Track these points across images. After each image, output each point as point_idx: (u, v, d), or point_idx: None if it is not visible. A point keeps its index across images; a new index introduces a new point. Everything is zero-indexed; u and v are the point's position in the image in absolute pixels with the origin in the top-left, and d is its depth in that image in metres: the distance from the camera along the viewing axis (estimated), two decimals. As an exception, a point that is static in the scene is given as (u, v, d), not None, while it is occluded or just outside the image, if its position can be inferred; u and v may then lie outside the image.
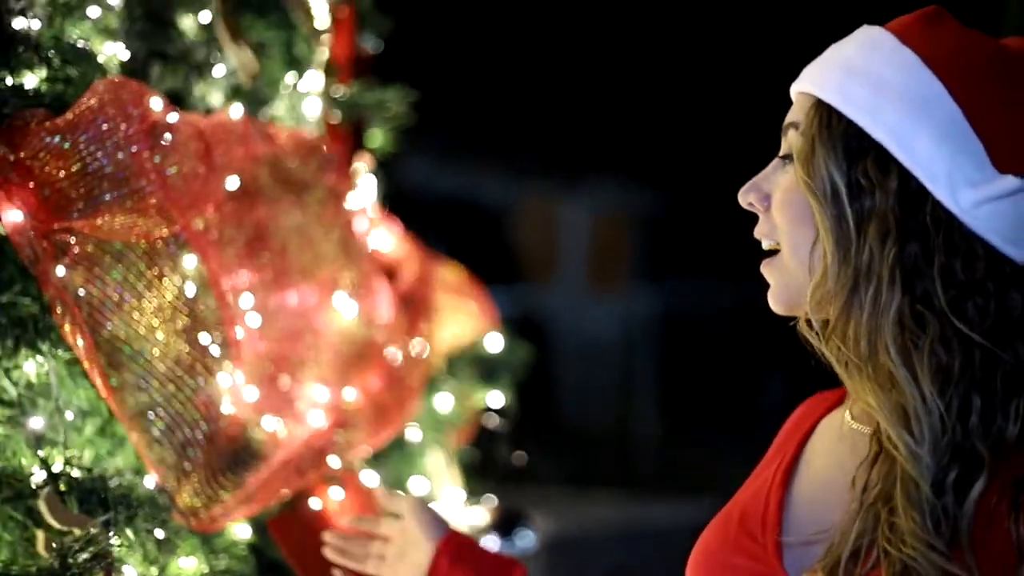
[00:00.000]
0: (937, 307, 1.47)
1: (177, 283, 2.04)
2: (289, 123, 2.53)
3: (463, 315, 2.93)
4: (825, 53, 1.63)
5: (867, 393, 1.50)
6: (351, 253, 2.37)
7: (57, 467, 1.90)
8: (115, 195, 1.90)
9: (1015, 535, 1.44)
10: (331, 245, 2.33)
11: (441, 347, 2.77)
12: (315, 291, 2.30)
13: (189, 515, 2.03)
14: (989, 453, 1.45)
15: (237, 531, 2.21)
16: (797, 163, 1.56)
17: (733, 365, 13.48)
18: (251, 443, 2.11)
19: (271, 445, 2.13)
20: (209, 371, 2.04)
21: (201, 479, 2.03)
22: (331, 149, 2.44)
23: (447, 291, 2.88)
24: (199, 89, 2.38)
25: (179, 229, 1.99)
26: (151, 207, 1.93)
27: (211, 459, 2.04)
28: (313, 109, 2.60)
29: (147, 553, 1.90)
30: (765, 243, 1.64)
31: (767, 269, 1.64)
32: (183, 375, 2.02)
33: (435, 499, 2.77)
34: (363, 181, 2.73)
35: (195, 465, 2.02)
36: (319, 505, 2.25)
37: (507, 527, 3.10)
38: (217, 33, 2.34)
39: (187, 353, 2.03)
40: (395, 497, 2.05)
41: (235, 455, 2.07)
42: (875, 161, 1.51)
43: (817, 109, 1.56)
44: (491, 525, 3.04)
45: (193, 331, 2.04)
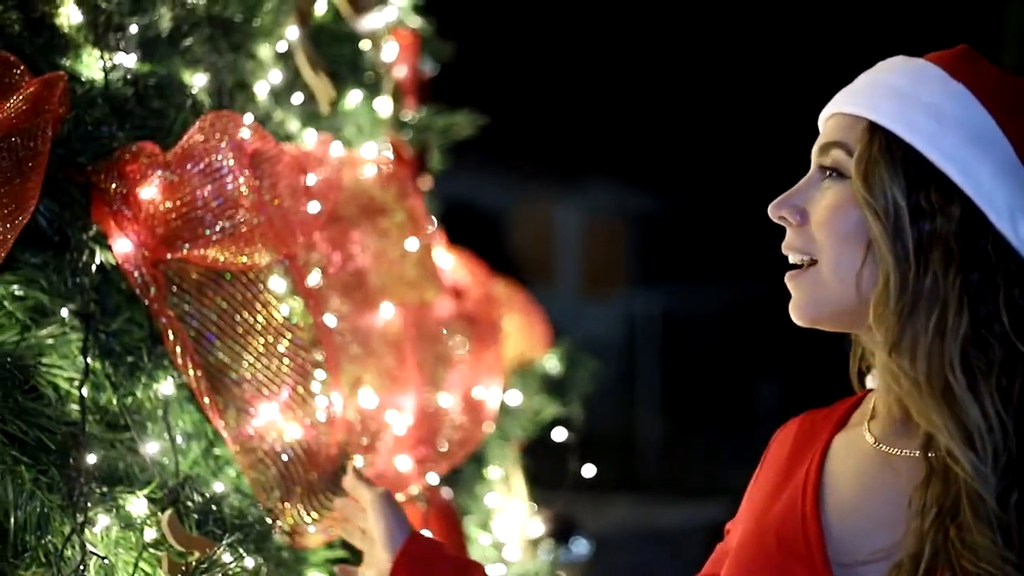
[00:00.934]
0: (999, 332, 1.55)
1: (276, 307, 2.10)
2: (360, 148, 2.59)
3: (521, 332, 2.99)
4: (864, 78, 1.69)
5: (929, 411, 1.56)
6: (430, 272, 2.43)
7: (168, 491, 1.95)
8: (222, 226, 1.96)
9: None
10: (411, 267, 2.39)
11: (506, 364, 2.82)
12: (398, 312, 2.36)
13: (292, 534, 2.09)
14: None
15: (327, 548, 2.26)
16: (857, 183, 1.61)
17: (729, 368, 13.55)
18: (346, 461, 2.16)
19: (366, 463, 2.20)
20: (309, 393, 2.10)
21: (303, 498, 2.09)
22: (403, 173, 2.50)
23: (506, 309, 2.94)
24: (277, 116, 2.44)
25: (282, 258, 2.05)
26: (257, 237, 1.98)
27: (312, 478, 2.10)
28: (382, 134, 2.65)
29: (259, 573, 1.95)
30: (795, 257, 1.69)
31: (794, 282, 1.69)
32: (288, 397, 2.09)
33: (502, 511, 2.83)
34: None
35: (298, 484, 2.08)
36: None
37: (563, 535, 3.15)
38: (296, 61, 2.40)
39: (288, 375, 2.09)
40: (360, 486, 2.02)
41: (334, 474, 2.13)
42: (937, 188, 1.57)
43: (873, 133, 1.62)
44: (547, 533, 3.09)
45: (294, 354, 2.10)
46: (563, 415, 2.97)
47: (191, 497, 1.91)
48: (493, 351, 2.63)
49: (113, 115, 2.03)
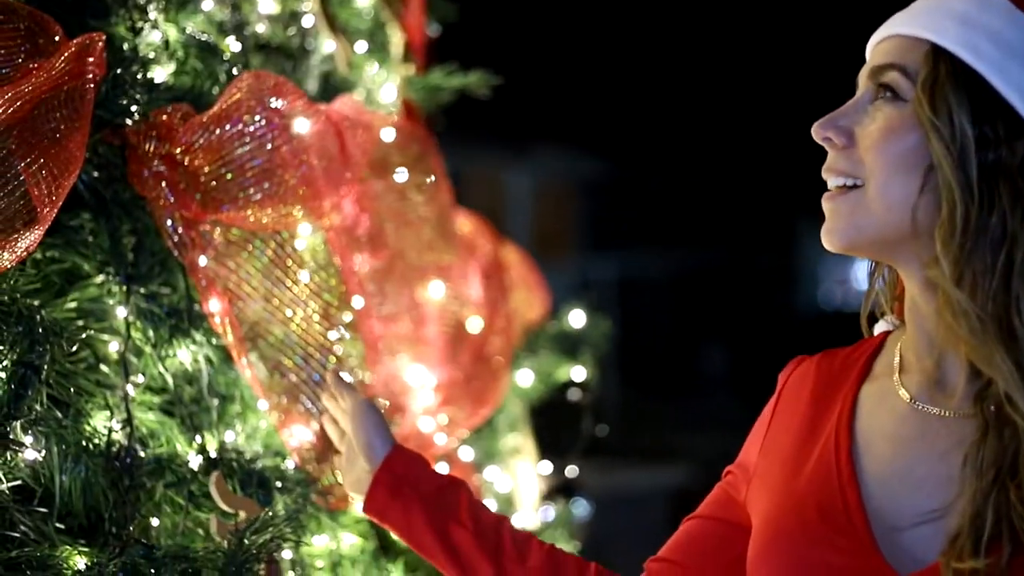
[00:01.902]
0: None
1: (311, 268, 2.09)
2: (371, 108, 2.58)
3: (527, 293, 2.99)
4: (923, 3, 1.60)
5: (992, 352, 1.49)
6: (449, 234, 2.43)
7: (211, 452, 1.95)
8: (261, 188, 1.95)
9: None
10: (432, 227, 2.39)
11: (519, 323, 2.83)
12: (421, 273, 2.36)
13: (327, 494, 2.09)
14: None
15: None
16: (923, 105, 1.53)
17: (679, 332, 13.63)
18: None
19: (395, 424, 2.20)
20: (343, 352, 2.11)
21: (338, 458, 2.09)
22: (422, 133, 2.49)
23: (512, 270, 2.94)
24: (295, 77, 2.42)
25: (320, 218, 2.04)
26: (296, 199, 1.98)
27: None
28: (392, 94, 2.64)
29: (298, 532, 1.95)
30: (837, 180, 1.60)
31: (832, 203, 1.60)
32: (321, 357, 2.09)
33: (512, 474, 2.84)
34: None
35: (331, 445, 2.08)
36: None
37: (562, 495, 3.17)
38: (316, 23, 2.39)
39: (322, 335, 2.09)
40: (342, 388, 1.97)
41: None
42: (1003, 120, 1.51)
43: (938, 56, 1.54)
44: (546, 494, 3.10)
45: (327, 315, 2.10)
46: (578, 375, 2.97)
47: (236, 459, 1.91)
48: (505, 306, 2.63)
49: (147, 77, 2.01)
